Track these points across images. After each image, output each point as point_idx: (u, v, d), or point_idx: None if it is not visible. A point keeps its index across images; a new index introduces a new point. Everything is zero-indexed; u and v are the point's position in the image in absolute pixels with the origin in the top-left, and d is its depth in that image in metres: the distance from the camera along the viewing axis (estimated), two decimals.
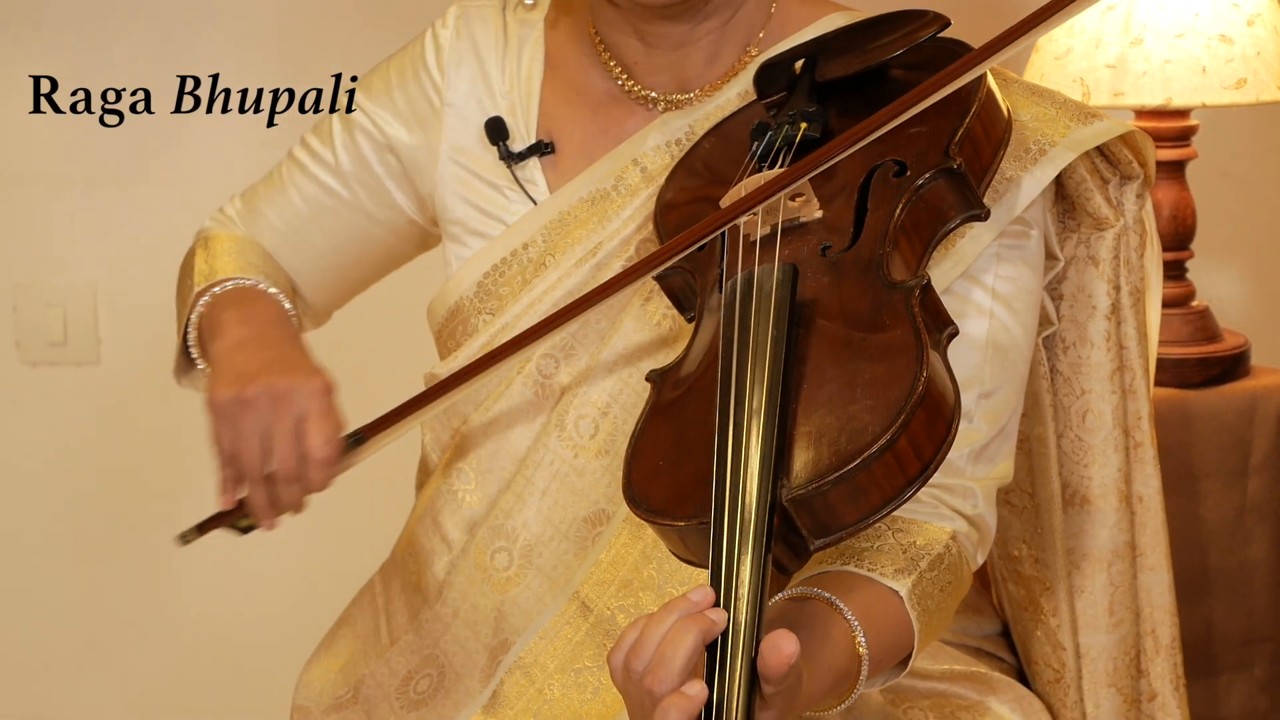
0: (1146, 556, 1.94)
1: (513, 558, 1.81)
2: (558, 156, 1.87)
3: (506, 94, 1.90)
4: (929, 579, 1.65)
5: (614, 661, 1.46)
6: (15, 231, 3.05)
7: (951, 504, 1.70)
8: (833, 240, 1.61)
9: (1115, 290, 1.87)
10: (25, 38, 2.98)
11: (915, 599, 1.63)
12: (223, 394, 1.72)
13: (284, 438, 1.69)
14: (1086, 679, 1.91)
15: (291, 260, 1.99)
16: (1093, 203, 1.83)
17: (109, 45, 2.99)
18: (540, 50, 1.91)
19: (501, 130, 1.88)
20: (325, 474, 1.71)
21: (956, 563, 1.68)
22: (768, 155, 1.68)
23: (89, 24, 2.99)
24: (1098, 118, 1.79)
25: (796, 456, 1.47)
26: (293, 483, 1.70)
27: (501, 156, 1.88)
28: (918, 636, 1.63)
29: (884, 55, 1.72)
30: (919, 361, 1.48)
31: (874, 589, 1.62)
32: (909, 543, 1.65)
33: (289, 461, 1.69)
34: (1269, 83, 2.56)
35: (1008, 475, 1.77)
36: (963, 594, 1.71)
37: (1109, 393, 1.88)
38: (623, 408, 1.79)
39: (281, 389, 1.71)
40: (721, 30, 1.83)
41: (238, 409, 1.70)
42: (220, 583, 3.12)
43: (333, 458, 1.70)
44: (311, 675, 1.96)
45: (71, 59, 2.98)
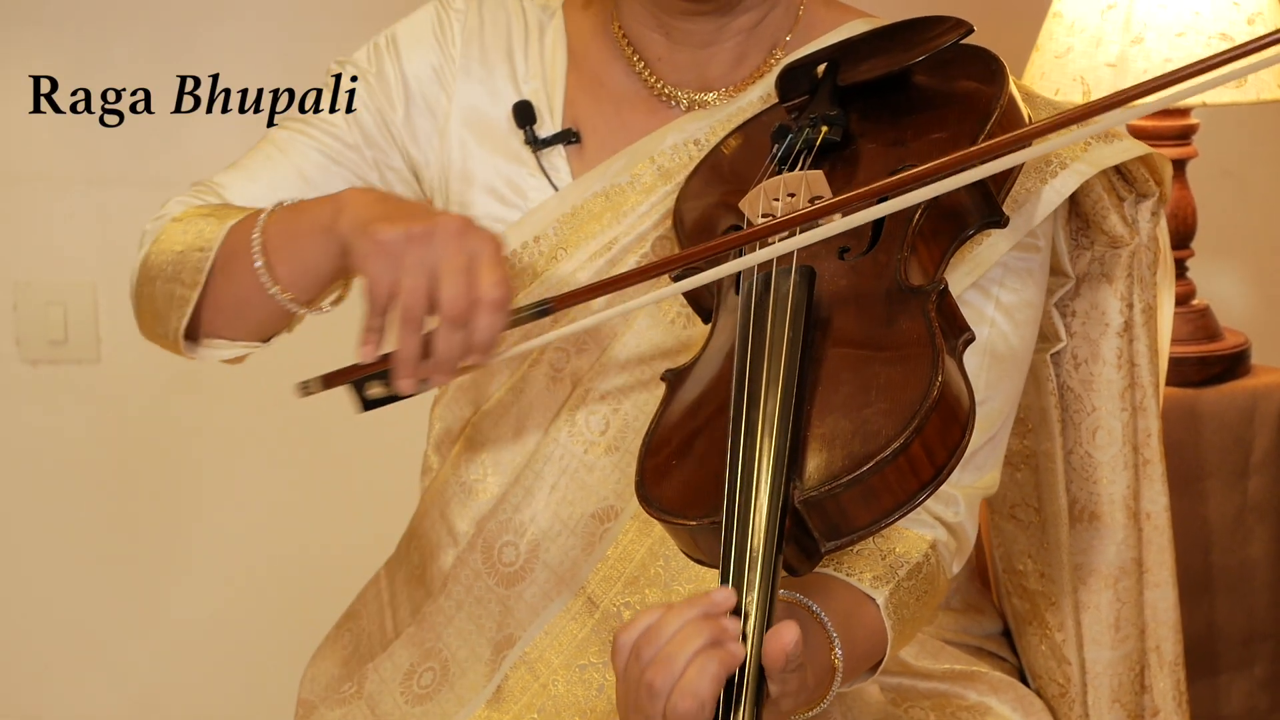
0: (1153, 573, 1.94)
1: (520, 552, 1.81)
2: (582, 147, 1.86)
3: (529, 78, 1.88)
4: (906, 588, 1.65)
5: (622, 640, 1.45)
6: (15, 230, 3.05)
7: (934, 510, 1.70)
8: (851, 244, 1.61)
9: (1128, 308, 1.87)
10: (25, 38, 2.98)
11: (892, 608, 1.63)
12: (388, 231, 1.56)
13: (456, 275, 1.54)
14: (1091, 694, 1.91)
15: None
16: (1109, 221, 1.83)
17: (109, 45, 2.99)
18: (563, 39, 1.89)
19: (529, 114, 1.86)
20: (493, 323, 1.55)
21: (933, 572, 1.69)
22: (788, 158, 1.68)
23: (89, 24, 2.99)
24: (1119, 137, 1.79)
25: (810, 458, 1.47)
26: (456, 328, 1.55)
27: (527, 141, 1.85)
28: (890, 645, 1.64)
29: (906, 61, 1.72)
30: (935, 366, 1.48)
31: (852, 595, 1.62)
32: (888, 549, 1.66)
33: (458, 301, 1.54)
34: (1269, 81, 2.56)
35: (993, 485, 1.77)
36: (937, 602, 1.72)
37: (1119, 410, 1.88)
38: (634, 404, 1.79)
39: (454, 226, 1.56)
40: (750, 32, 1.83)
41: (405, 244, 1.55)
42: (221, 581, 3.12)
43: (505, 301, 1.55)
44: (317, 669, 1.95)
45: (71, 59, 2.98)
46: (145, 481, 3.10)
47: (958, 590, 1.98)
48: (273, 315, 1.75)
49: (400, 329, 1.55)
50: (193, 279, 1.75)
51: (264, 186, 1.85)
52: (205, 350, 1.79)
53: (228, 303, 1.76)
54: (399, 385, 1.58)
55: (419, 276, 1.54)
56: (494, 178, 1.87)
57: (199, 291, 1.75)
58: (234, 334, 1.78)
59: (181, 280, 1.77)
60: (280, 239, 1.71)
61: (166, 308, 1.79)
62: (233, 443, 3.10)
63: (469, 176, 1.87)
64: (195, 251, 1.75)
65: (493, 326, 1.55)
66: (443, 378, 1.57)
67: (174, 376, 3.02)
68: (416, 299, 1.54)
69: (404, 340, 1.55)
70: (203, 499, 3.11)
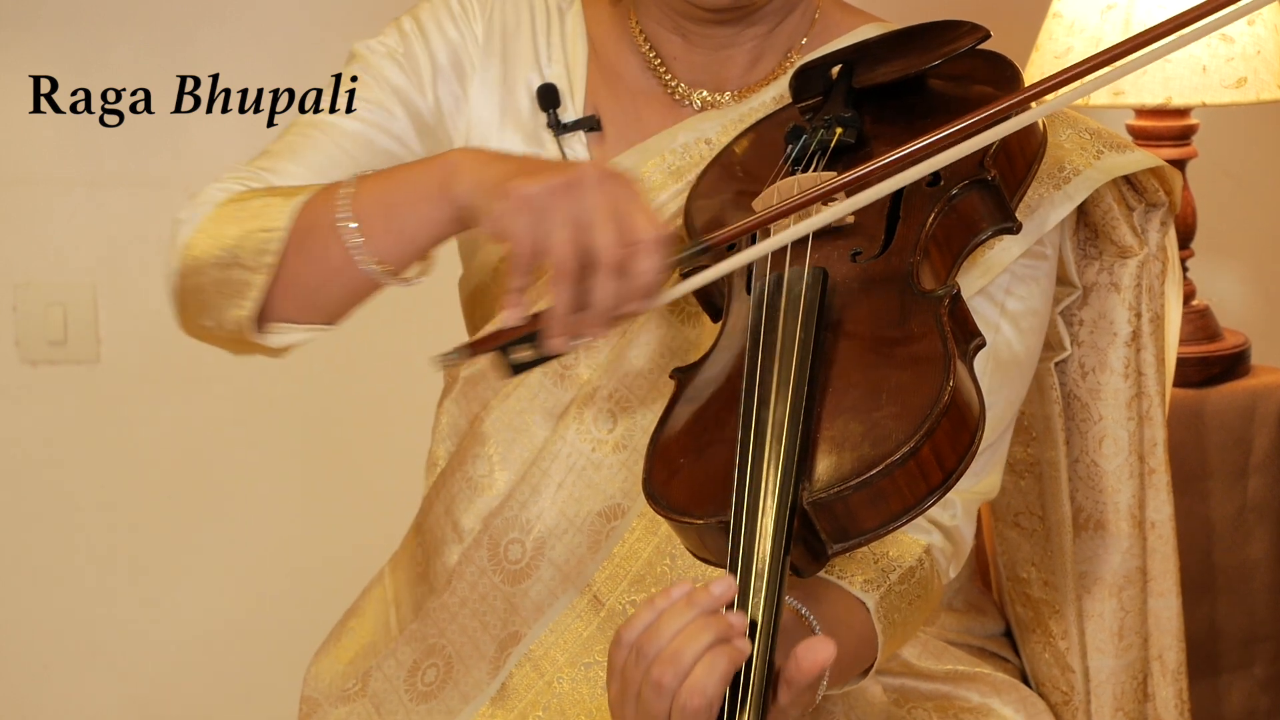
0: (1157, 582, 1.94)
1: (526, 549, 1.81)
2: (603, 135, 1.86)
3: (551, 63, 1.88)
4: (898, 592, 1.65)
5: (624, 637, 1.45)
6: (16, 231, 3.04)
7: (930, 514, 1.69)
8: (864, 246, 1.61)
9: (1137, 317, 1.87)
10: (25, 38, 2.98)
11: (882, 612, 1.63)
12: (529, 186, 1.50)
13: (609, 221, 1.48)
14: (1094, 702, 1.91)
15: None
16: (1118, 231, 1.84)
17: (109, 45, 2.98)
18: (582, 28, 1.89)
19: (554, 97, 1.85)
20: (655, 264, 1.49)
21: (927, 577, 1.68)
22: (801, 158, 1.68)
23: (89, 24, 2.98)
24: (1130, 149, 1.79)
25: (819, 460, 1.47)
26: (614, 277, 1.49)
27: (550, 124, 1.85)
28: (881, 649, 1.63)
29: (921, 65, 1.72)
30: (946, 371, 1.48)
31: (842, 598, 1.62)
32: (881, 553, 1.65)
33: (617, 247, 1.48)
34: (1269, 81, 2.56)
35: (992, 491, 1.77)
36: (931, 607, 1.71)
37: (1126, 419, 1.88)
38: (642, 403, 1.78)
39: (596, 172, 1.50)
40: (766, 35, 1.84)
41: (549, 197, 1.49)
42: (223, 579, 3.12)
43: (665, 239, 1.49)
44: (320, 667, 1.95)
45: (71, 59, 2.98)
46: (145, 482, 3.10)
47: (960, 591, 1.98)
48: (355, 292, 1.69)
49: (556, 284, 1.50)
50: (256, 260, 1.68)
51: (310, 168, 1.80)
52: (271, 337, 1.72)
53: (304, 283, 1.69)
54: (551, 345, 1.53)
55: (569, 228, 1.48)
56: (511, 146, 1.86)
57: (268, 274, 1.68)
58: (305, 317, 1.71)
59: (243, 264, 1.69)
60: (376, 209, 1.65)
61: (220, 296, 1.71)
62: (234, 441, 3.10)
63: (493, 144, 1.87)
64: (259, 233, 1.68)
65: (656, 267, 1.50)
66: (599, 330, 1.52)
67: (174, 376, 3.02)
68: (571, 250, 1.49)
69: (561, 295, 1.50)
70: (204, 498, 3.11)
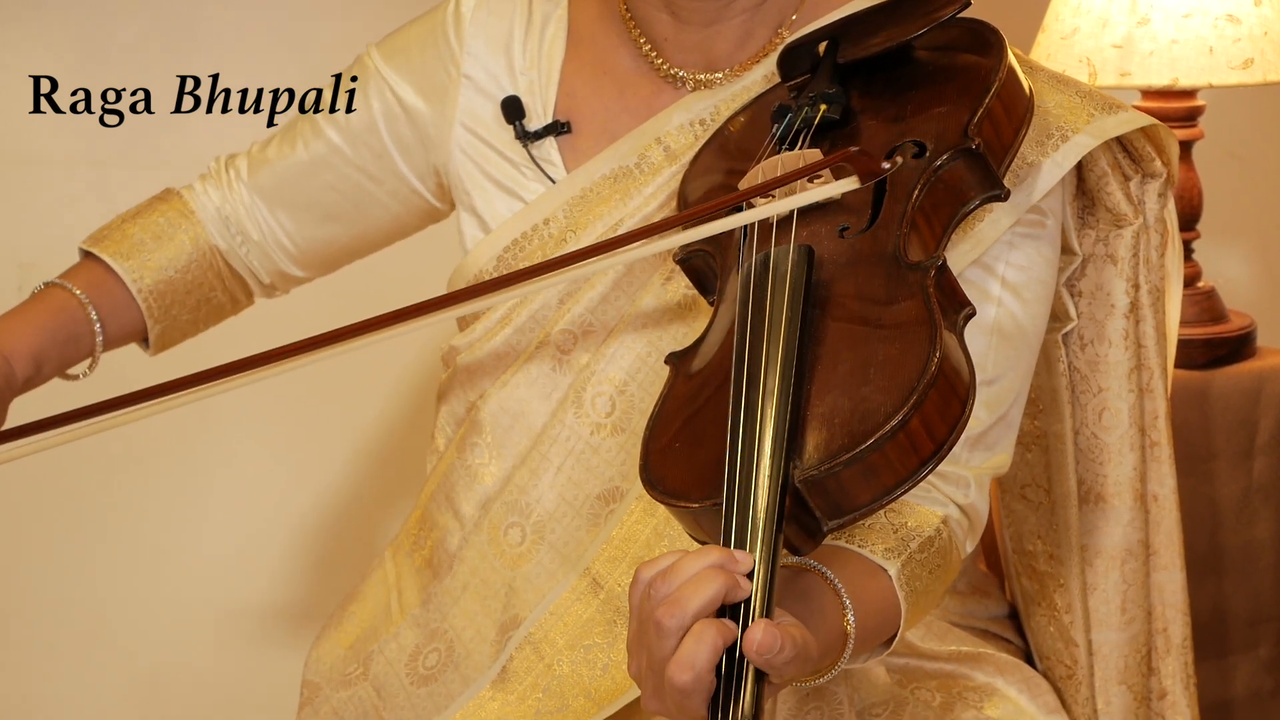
0: (1160, 555, 1.94)
1: (525, 533, 1.82)
2: (575, 136, 1.88)
3: (525, 71, 1.91)
4: (918, 560, 1.64)
5: (642, 575, 1.44)
6: (15, 230, 3.05)
7: (945, 491, 1.69)
8: (850, 221, 1.60)
9: (1134, 289, 1.87)
10: (25, 38, 2.98)
11: (904, 579, 1.62)
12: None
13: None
14: (1098, 676, 1.91)
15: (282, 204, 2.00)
16: (1112, 197, 1.83)
17: (109, 45, 2.99)
18: (563, 28, 1.91)
19: (518, 109, 1.89)
20: None
21: (946, 547, 1.68)
22: (787, 137, 1.69)
23: (89, 24, 2.99)
24: (1122, 108, 1.78)
25: (809, 437, 1.47)
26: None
27: (517, 135, 1.89)
28: (904, 618, 1.63)
29: (905, 36, 1.72)
30: (932, 342, 1.47)
31: (864, 566, 1.61)
32: (900, 523, 1.65)
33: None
34: (1276, 63, 2.55)
35: (1004, 465, 1.77)
36: (951, 578, 1.71)
37: (1126, 391, 1.88)
38: (640, 386, 1.79)
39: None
40: (755, 10, 1.84)
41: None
42: (225, 565, 3.12)
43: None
44: (321, 651, 1.96)
45: (71, 59, 2.98)
46: (145, 463, 3.10)
47: (963, 573, 1.98)
48: None
49: None
50: None
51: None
52: None
53: None
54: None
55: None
56: (495, 172, 1.90)
57: None
58: None
59: None
60: None
61: None
62: (236, 427, 3.09)
63: (474, 174, 1.91)
64: None
65: None
66: None
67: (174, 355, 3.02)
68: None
69: None
70: (205, 484, 3.11)
